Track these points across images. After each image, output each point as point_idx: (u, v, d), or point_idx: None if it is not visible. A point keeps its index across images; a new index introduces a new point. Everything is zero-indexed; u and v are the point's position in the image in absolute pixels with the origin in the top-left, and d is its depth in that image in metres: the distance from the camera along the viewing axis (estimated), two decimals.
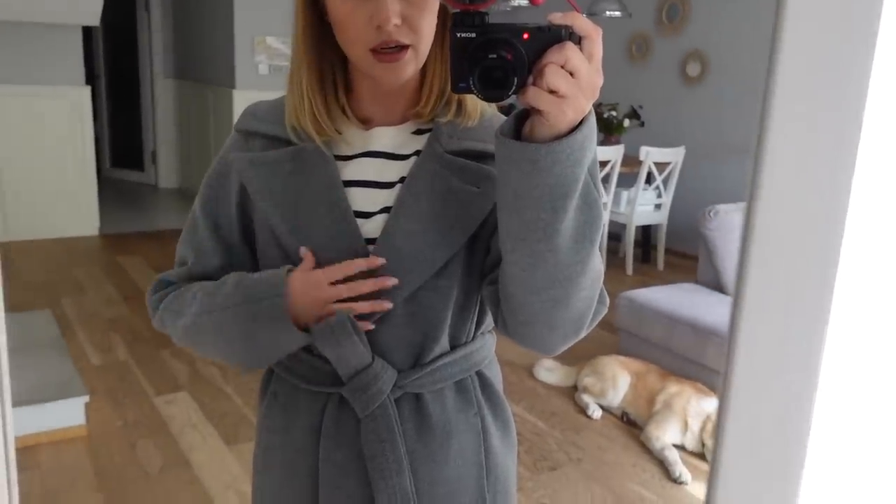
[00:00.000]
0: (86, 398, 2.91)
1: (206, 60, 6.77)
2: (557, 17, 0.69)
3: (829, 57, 0.32)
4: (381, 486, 0.93)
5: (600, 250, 0.84)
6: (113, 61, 7.86)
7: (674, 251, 5.86)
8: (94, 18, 5.50)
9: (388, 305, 0.89)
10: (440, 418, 0.96)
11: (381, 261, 0.89)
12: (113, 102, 7.97)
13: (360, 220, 0.92)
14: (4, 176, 5.48)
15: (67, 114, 5.66)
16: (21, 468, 2.63)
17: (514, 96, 0.71)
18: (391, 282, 0.89)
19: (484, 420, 1.00)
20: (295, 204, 0.92)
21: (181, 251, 1.02)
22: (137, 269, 5.05)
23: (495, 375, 1.04)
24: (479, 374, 1.01)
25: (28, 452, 2.73)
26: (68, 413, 2.87)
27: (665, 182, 5.41)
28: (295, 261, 0.92)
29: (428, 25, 0.85)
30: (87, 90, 5.74)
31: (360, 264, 0.88)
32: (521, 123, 0.74)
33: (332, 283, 0.89)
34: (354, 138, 0.94)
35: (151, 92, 7.67)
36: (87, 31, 6.54)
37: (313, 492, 0.98)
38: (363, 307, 0.89)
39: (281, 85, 0.94)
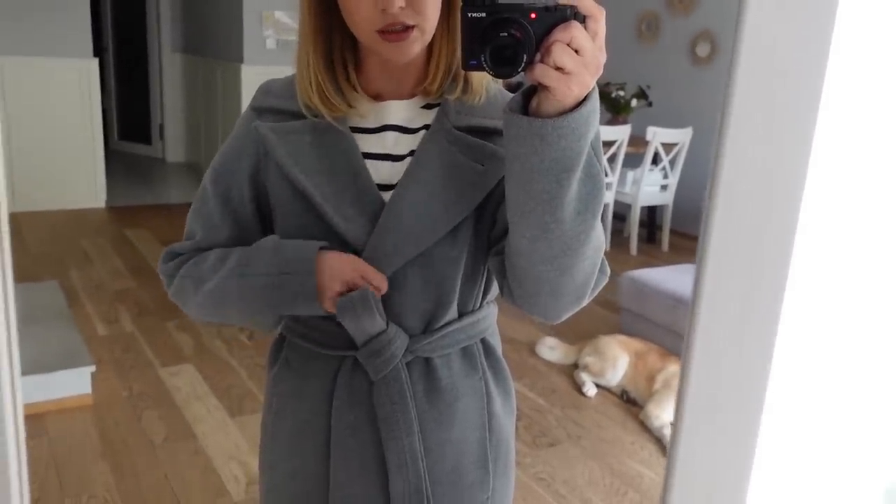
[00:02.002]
0: (92, 368, 2.95)
1: (214, 35, 6.75)
2: None
3: (786, 55, 0.34)
4: (392, 445, 0.98)
5: (603, 226, 0.86)
6: (121, 34, 7.85)
7: (679, 232, 5.85)
8: None
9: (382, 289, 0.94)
10: (448, 382, 1.01)
11: (384, 288, 0.94)
12: (121, 75, 7.97)
13: (381, 193, 0.96)
14: (13, 147, 5.50)
15: (75, 86, 5.67)
16: (28, 435, 2.68)
17: (521, 73, 0.73)
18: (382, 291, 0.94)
19: (487, 384, 1.05)
20: (320, 172, 0.95)
21: (190, 224, 1.05)
22: (144, 242, 5.08)
23: (497, 343, 1.09)
24: (484, 341, 1.06)
25: (35, 420, 2.77)
26: (75, 382, 2.91)
27: (672, 163, 5.39)
28: (330, 222, 0.95)
29: (432, 5, 0.88)
30: (95, 62, 5.75)
31: (383, 286, 0.93)
32: (528, 100, 0.77)
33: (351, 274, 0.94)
34: (368, 112, 0.97)
35: (159, 65, 7.66)
36: (95, 4, 6.53)
37: (325, 453, 1.02)
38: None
39: (289, 60, 0.96)
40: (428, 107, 0.98)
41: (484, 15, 0.73)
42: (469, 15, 0.73)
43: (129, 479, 2.49)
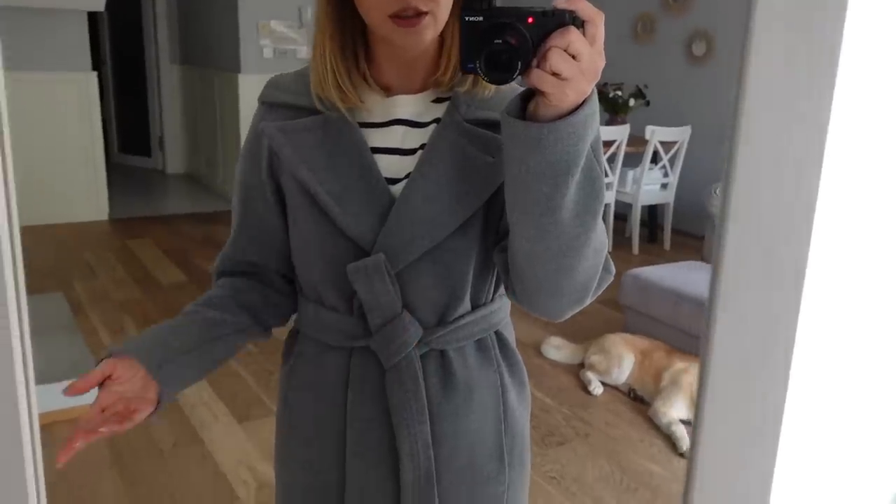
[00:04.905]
0: None
1: (210, 45, 6.78)
2: (561, 2, 0.70)
3: (800, 47, 0.34)
4: (403, 433, 0.98)
5: (605, 226, 0.86)
6: (118, 47, 7.87)
7: (680, 231, 5.86)
8: (99, 4, 5.51)
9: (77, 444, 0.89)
10: (463, 374, 1.01)
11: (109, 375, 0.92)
12: (119, 89, 7.99)
13: (389, 187, 0.96)
14: (14, 162, 5.50)
15: (75, 100, 5.69)
16: None
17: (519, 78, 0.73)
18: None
19: (502, 377, 1.05)
20: (328, 169, 0.95)
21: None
22: (147, 253, 5.08)
23: (511, 336, 1.09)
24: (498, 334, 1.05)
25: (43, 430, 2.75)
26: None
27: (671, 161, 5.40)
28: (335, 220, 0.95)
29: None
30: (94, 76, 5.76)
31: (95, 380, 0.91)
32: (526, 102, 0.77)
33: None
34: (377, 106, 0.97)
35: (157, 78, 7.68)
36: (93, 17, 6.55)
37: (340, 444, 1.03)
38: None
39: (286, 68, 0.96)
40: (438, 101, 0.97)
41: (481, 19, 0.72)
42: (466, 19, 0.72)
43: (139, 487, 2.49)
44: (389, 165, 0.96)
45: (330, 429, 1.03)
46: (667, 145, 5.30)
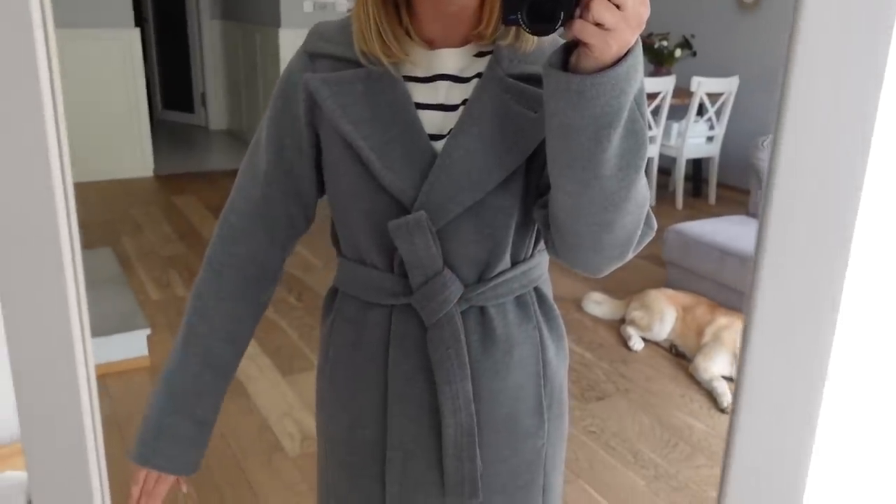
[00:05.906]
0: (147, 331, 3.03)
1: (250, 0, 6.76)
2: None
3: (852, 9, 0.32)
4: (445, 390, 0.99)
5: (648, 180, 0.84)
6: (160, 3, 7.90)
7: (726, 185, 5.74)
8: None
9: None
10: (503, 331, 1.01)
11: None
12: (162, 45, 8.04)
13: (433, 143, 0.95)
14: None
15: (118, 56, 5.75)
16: None
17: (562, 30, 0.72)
18: None
19: (541, 332, 1.05)
20: (371, 122, 0.95)
21: (238, 179, 1.08)
22: (192, 209, 5.17)
23: (549, 291, 1.09)
24: (537, 290, 1.05)
25: (97, 382, 2.86)
26: (132, 345, 3.00)
27: (717, 113, 5.27)
28: (376, 175, 0.94)
29: None
30: (137, 32, 5.80)
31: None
32: (568, 55, 0.75)
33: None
34: (420, 59, 0.96)
35: (198, 33, 7.71)
36: None
37: (382, 402, 1.04)
38: None
39: None
40: (480, 55, 0.96)
41: None
42: None
43: None
44: (433, 121, 0.96)
45: (371, 386, 1.04)
46: (713, 97, 5.17)
